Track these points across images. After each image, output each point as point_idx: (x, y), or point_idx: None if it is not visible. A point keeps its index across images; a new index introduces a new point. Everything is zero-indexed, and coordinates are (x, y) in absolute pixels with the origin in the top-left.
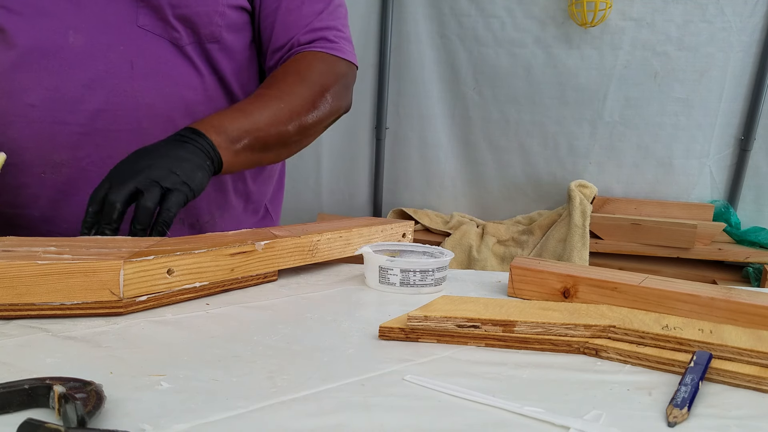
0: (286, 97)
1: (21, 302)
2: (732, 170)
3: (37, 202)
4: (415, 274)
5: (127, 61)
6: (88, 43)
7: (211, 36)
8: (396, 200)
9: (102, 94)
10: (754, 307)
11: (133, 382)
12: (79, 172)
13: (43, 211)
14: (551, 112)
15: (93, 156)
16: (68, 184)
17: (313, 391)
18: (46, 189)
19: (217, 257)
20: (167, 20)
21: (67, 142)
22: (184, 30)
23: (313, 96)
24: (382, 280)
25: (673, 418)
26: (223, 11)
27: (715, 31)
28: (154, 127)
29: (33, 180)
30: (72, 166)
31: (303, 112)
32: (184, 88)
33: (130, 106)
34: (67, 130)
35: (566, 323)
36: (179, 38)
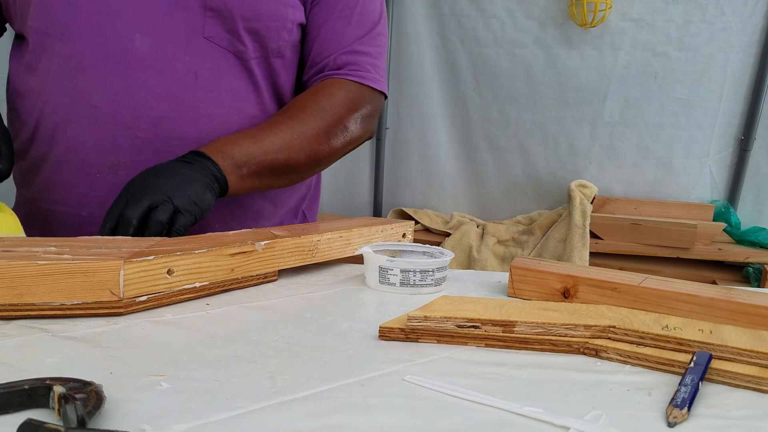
0: (299, 126)
1: (21, 302)
2: (732, 170)
3: (86, 202)
4: (415, 274)
5: (191, 72)
6: (154, 50)
7: (277, 51)
8: (396, 200)
9: (165, 102)
10: (754, 307)
11: (133, 382)
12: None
13: (92, 212)
14: (551, 112)
15: (151, 161)
16: (121, 186)
17: (313, 391)
18: (99, 190)
19: (217, 257)
20: (236, 32)
21: (127, 146)
22: (251, 43)
23: (327, 127)
24: (382, 280)
25: (673, 419)
26: (291, 27)
27: (715, 32)
28: (212, 137)
29: (87, 180)
30: (129, 170)
31: (316, 142)
32: (243, 101)
33: (191, 116)
34: (128, 133)
35: (566, 323)
36: (244, 52)
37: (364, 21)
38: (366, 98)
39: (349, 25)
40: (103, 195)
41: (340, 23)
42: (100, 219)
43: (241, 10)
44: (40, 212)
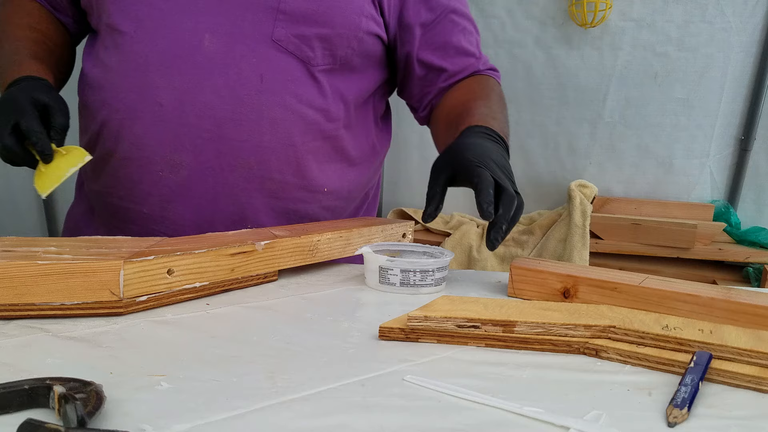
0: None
1: (21, 302)
2: (732, 170)
3: (149, 200)
4: (415, 274)
5: (257, 74)
6: (222, 50)
7: (345, 59)
8: (396, 200)
9: (230, 103)
10: (754, 307)
11: (133, 382)
12: (196, 176)
13: (154, 210)
14: (551, 112)
15: (212, 162)
16: (183, 186)
17: (313, 391)
18: (161, 188)
19: (217, 257)
20: (306, 38)
21: (190, 145)
22: (320, 50)
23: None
24: (382, 280)
25: (673, 419)
26: (362, 37)
27: (715, 32)
28: (274, 141)
29: (150, 177)
30: (190, 169)
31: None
32: (307, 106)
33: (254, 118)
34: (192, 133)
35: (566, 323)
36: (312, 58)
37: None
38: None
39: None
40: (165, 193)
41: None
42: (162, 218)
43: (315, 16)
44: (107, 206)
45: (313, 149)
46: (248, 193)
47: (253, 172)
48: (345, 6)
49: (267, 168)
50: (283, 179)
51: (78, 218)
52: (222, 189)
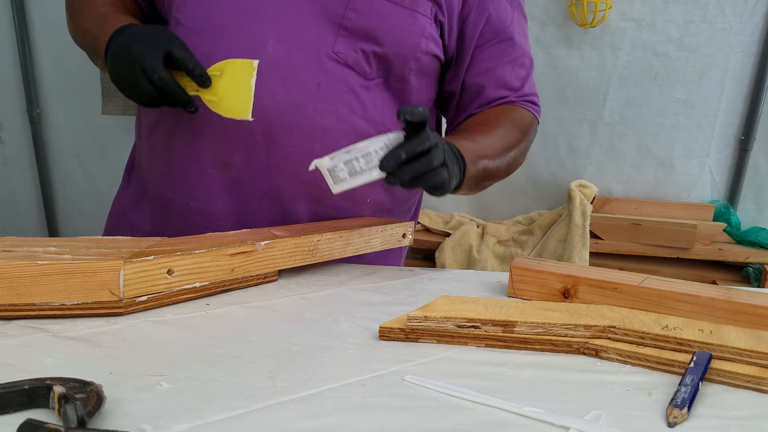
0: (504, 137)
1: (21, 302)
2: (732, 170)
3: (196, 194)
4: (358, 161)
5: (314, 83)
6: (284, 57)
7: (401, 76)
8: None
9: (285, 109)
10: (754, 307)
11: (133, 382)
12: (244, 177)
13: (199, 204)
14: (551, 112)
15: (262, 164)
16: (230, 185)
17: (313, 391)
18: (209, 184)
19: (217, 257)
20: (365, 53)
21: (242, 146)
22: (376, 66)
23: (520, 142)
24: (336, 181)
25: (673, 419)
26: (419, 56)
27: (715, 32)
28: (324, 149)
29: (200, 173)
30: (239, 170)
31: (515, 159)
32: (359, 117)
33: (308, 126)
34: (245, 134)
35: (566, 323)
36: (369, 73)
37: (525, 62)
38: (535, 127)
39: (514, 69)
40: (212, 190)
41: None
42: (207, 212)
43: (376, 36)
44: (156, 195)
45: None
46: (293, 197)
47: (300, 177)
48: (407, 27)
49: (314, 175)
50: (327, 188)
51: (127, 204)
52: (268, 191)
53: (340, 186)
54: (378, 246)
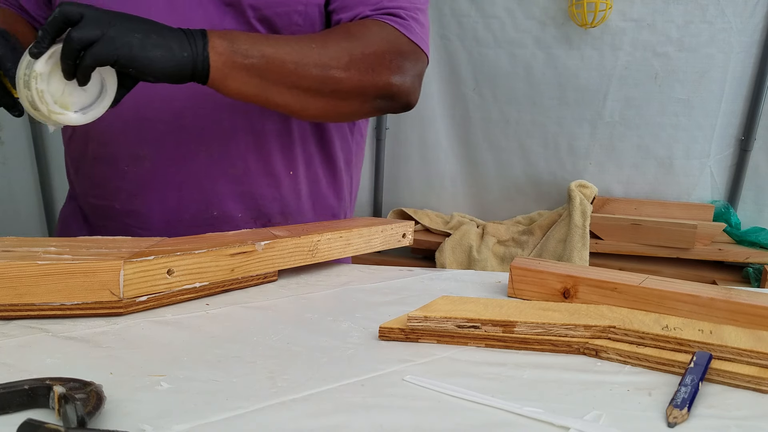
0: (323, 43)
1: (21, 302)
2: (732, 170)
3: (118, 195)
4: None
5: None
6: None
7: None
8: (396, 200)
9: (186, 93)
10: (754, 307)
11: (133, 382)
12: (160, 168)
13: (123, 204)
14: (551, 112)
15: (174, 152)
16: (147, 178)
17: (313, 391)
18: (127, 182)
19: (217, 257)
20: (249, 23)
21: (151, 138)
22: (265, 31)
23: (352, 52)
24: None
25: (673, 419)
26: (302, 10)
27: (716, 32)
28: (235, 125)
29: (117, 173)
30: (153, 161)
31: (335, 65)
32: None
33: (211, 106)
34: (152, 125)
35: (566, 324)
36: None
37: None
38: (404, 47)
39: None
40: (131, 188)
41: None
42: (132, 212)
43: (249, 0)
44: (86, 205)
45: (273, 132)
46: (212, 179)
47: (214, 159)
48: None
49: (229, 154)
50: (245, 165)
51: (68, 217)
52: (185, 178)
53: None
54: (378, 246)
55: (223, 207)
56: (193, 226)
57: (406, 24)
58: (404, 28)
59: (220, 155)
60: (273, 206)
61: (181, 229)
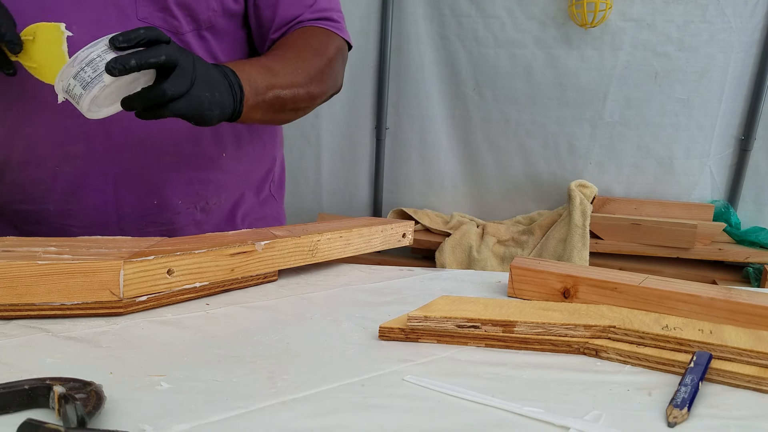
0: (302, 63)
1: (21, 302)
2: (732, 170)
3: (51, 197)
4: (85, 71)
5: None
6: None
7: (208, 22)
8: (396, 200)
9: None
10: (754, 307)
11: (133, 382)
12: (93, 164)
13: (58, 206)
14: (551, 112)
15: (105, 146)
16: (81, 176)
17: (313, 391)
18: (60, 182)
19: (217, 257)
20: (167, 8)
21: (79, 134)
22: (183, 18)
23: (322, 66)
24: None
25: (673, 419)
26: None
27: (716, 32)
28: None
29: (47, 174)
30: (86, 158)
31: (317, 81)
32: None
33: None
34: (79, 122)
35: (566, 323)
36: (179, 26)
37: None
38: (342, 46)
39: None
40: (65, 187)
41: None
42: (68, 212)
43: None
44: (14, 213)
45: None
46: (147, 169)
47: (147, 149)
48: None
49: (161, 143)
50: (179, 152)
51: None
52: (120, 171)
53: (87, 104)
54: (378, 246)
55: (162, 195)
56: (135, 218)
57: (339, 26)
58: (339, 30)
59: (152, 144)
60: (209, 189)
61: (124, 223)
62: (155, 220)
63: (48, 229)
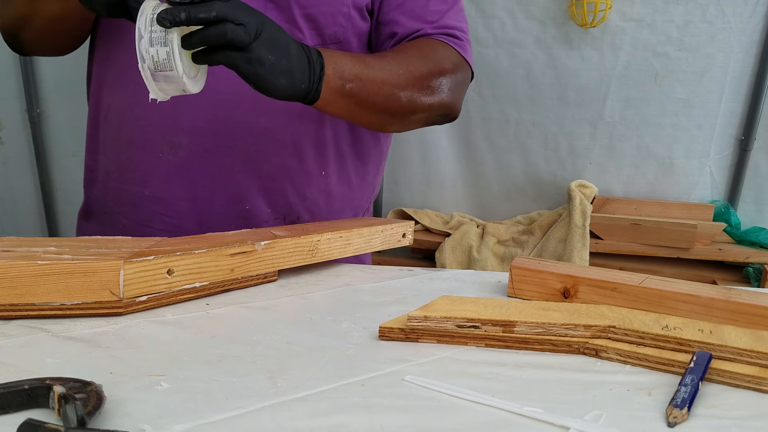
0: (404, 64)
1: (21, 302)
2: (732, 170)
3: (149, 181)
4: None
5: None
6: None
7: (334, 37)
8: (396, 200)
9: (225, 84)
10: (754, 307)
11: (133, 382)
12: (194, 158)
13: (153, 191)
14: (551, 112)
15: (209, 143)
16: (181, 167)
17: (313, 391)
18: (161, 168)
19: (217, 257)
20: (294, 20)
21: (188, 127)
22: (308, 30)
23: (428, 73)
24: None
25: (673, 419)
26: (347, 12)
27: (716, 32)
28: (270, 121)
29: (151, 158)
30: (189, 151)
31: (419, 87)
32: None
33: (251, 105)
34: (189, 114)
35: (566, 323)
36: (302, 39)
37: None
38: (463, 67)
39: (429, 2)
40: (164, 174)
41: (420, 2)
42: (161, 199)
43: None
44: (112, 191)
45: (309, 131)
46: (245, 175)
47: (249, 154)
48: None
49: (263, 150)
50: (279, 162)
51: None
52: (219, 171)
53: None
54: (378, 246)
55: (254, 202)
56: (224, 218)
57: (463, 45)
58: (462, 49)
59: (254, 151)
60: (302, 206)
61: (213, 221)
62: (241, 225)
63: (139, 212)
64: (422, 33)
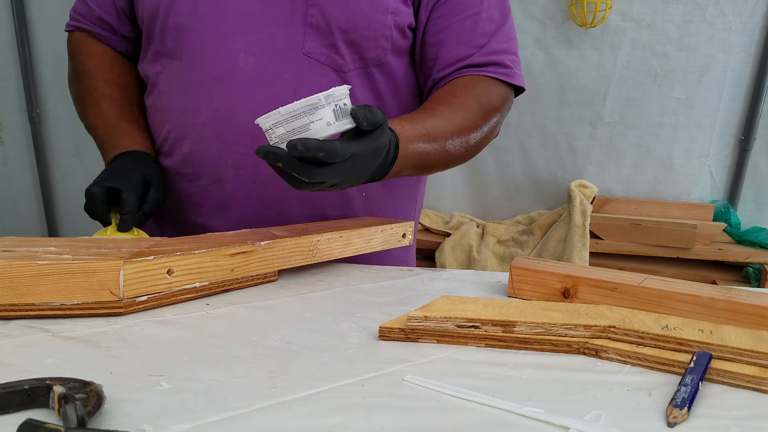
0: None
1: (21, 302)
2: (732, 170)
3: (200, 211)
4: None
5: (290, 88)
6: (256, 68)
7: (376, 60)
8: None
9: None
10: (754, 307)
11: (133, 382)
12: (238, 189)
13: (204, 220)
14: (551, 112)
15: (252, 175)
16: (227, 198)
17: (313, 391)
18: (209, 200)
19: (217, 257)
20: (335, 45)
21: (231, 161)
22: (350, 55)
23: (485, 121)
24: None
25: (673, 419)
26: (390, 34)
27: (715, 32)
28: None
29: (199, 190)
30: (233, 183)
31: (476, 142)
32: None
33: None
34: (230, 149)
35: (566, 323)
36: (343, 65)
37: (494, 15)
38: (509, 95)
39: (477, 25)
40: (211, 205)
41: (468, 23)
42: (211, 228)
43: (339, 22)
44: (173, 218)
45: None
46: (288, 202)
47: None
48: (368, 7)
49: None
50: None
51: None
52: (262, 200)
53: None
54: (378, 246)
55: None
56: None
57: (512, 73)
58: (511, 77)
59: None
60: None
61: None
62: None
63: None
64: (470, 63)
